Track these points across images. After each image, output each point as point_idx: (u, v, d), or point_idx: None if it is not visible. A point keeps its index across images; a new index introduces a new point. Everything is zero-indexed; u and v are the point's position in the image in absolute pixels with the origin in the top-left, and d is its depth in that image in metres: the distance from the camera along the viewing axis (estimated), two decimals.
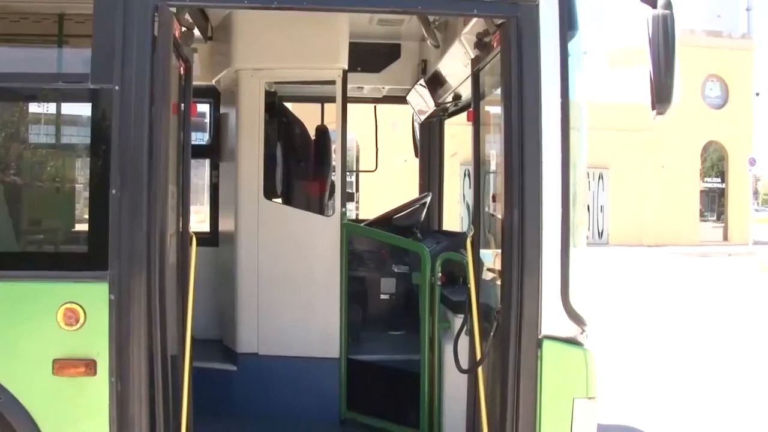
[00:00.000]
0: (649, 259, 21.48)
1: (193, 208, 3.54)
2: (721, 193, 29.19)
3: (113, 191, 2.76)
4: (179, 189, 3.33)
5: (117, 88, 2.76)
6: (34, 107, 3.03)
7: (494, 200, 3.47)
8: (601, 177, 26.22)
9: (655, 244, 25.36)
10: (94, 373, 2.72)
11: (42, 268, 2.83)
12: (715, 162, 31.09)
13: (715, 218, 29.58)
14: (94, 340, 2.73)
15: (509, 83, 3.03)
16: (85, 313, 2.73)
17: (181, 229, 3.33)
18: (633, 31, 3.61)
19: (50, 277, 2.78)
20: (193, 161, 6.56)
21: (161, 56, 2.80)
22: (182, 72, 3.35)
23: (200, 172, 5.83)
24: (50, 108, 3.10)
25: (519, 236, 2.97)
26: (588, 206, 25.68)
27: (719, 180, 29.27)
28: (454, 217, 3.92)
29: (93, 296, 2.74)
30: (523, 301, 2.98)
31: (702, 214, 28.39)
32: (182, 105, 3.36)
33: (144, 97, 2.78)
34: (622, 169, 25.95)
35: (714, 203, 30.98)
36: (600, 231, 26.39)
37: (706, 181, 28.89)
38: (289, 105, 5.59)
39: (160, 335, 2.79)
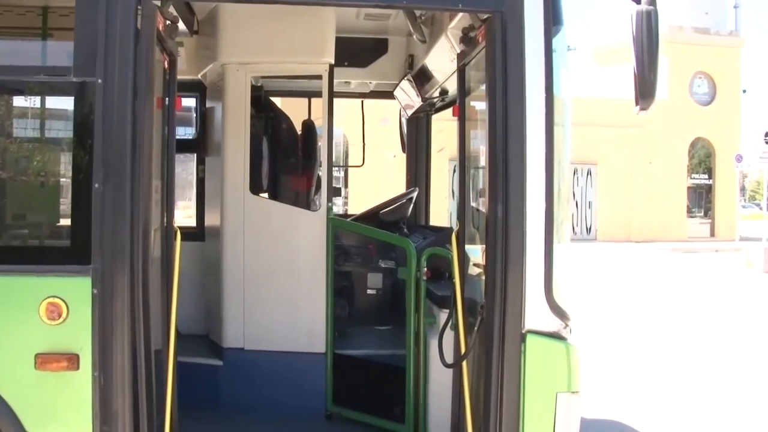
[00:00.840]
0: (636, 254, 21.60)
1: (182, 203, 3.51)
2: (709, 190, 29.35)
3: (96, 185, 2.75)
4: (164, 183, 3.32)
5: (100, 81, 2.75)
6: (15, 100, 3.01)
7: (479, 195, 3.48)
8: (589, 173, 26.33)
9: (643, 240, 25.51)
10: (77, 368, 2.71)
11: (24, 262, 2.81)
12: (702, 158, 31.26)
13: (702, 214, 29.74)
14: (77, 334, 2.72)
15: (494, 78, 3.04)
16: (67, 307, 2.72)
17: (165, 224, 3.32)
18: (621, 27, 3.64)
19: (32, 271, 2.76)
20: (181, 156, 6.59)
21: (144, 49, 2.79)
22: (167, 66, 3.34)
23: (189, 167, 5.82)
24: (32, 101, 3.07)
25: (503, 231, 2.98)
26: (576, 202, 25.87)
27: (706, 176, 29.44)
28: (443, 213, 3.94)
29: (76, 290, 2.72)
30: (506, 295, 2.99)
31: (689, 211, 28.55)
32: (167, 99, 3.35)
33: (127, 90, 2.76)
34: (611, 165, 26.08)
35: (701, 199, 31.15)
36: (588, 227, 26.51)
37: (694, 178, 29.04)
38: (275, 99, 5.58)
39: (144, 330, 2.78)
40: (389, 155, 6.44)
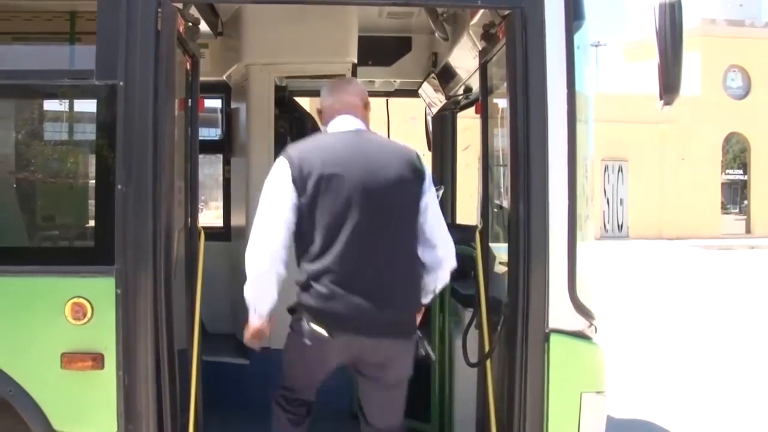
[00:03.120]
0: (669, 251, 21.26)
1: (213, 204, 3.53)
2: (744, 185, 28.82)
3: (119, 187, 2.78)
4: (187, 184, 3.35)
5: (121, 83, 2.77)
6: (41, 103, 3.06)
7: (503, 193, 3.46)
8: (620, 169, 25.98)
9: (676, 237, 25.09)
10: (102, 367, 2.75)
11: (50, 263, 2.86)
12: (737, 153, 30.70)
13: (737, 211, 29.23)
14: (102, 334, 2.75)
15: (514, 75, 3.01)
16: (92, 307, 2.75)
17: (189, 224, 3.35)
18: (648, 21, 3.56)
19: (58, 271, 2.80)
20: (209, 156, 6.62)
21: (165, 52, 2.81)
22: (189, 67, 3.36)
23: (218, 168, 5.88)
24: (57, 104, 3.12)
25: (525, 229, 2.95)
26: (607, 199, 25.57)
27: (741, 172, 28.91)
28: (471, 211, 3.94)
29: (100, 291, 2.76)
30: (529, 294, 2.96)
31: (724, 207, 28.07)
32: (189, 100, 3.37)
33: (148, 92, 2.78)
34: (642, 161, 25.70)
35: (736, 195, 30.61)
36: (619, 224, 26.17)
37: (728, 173, 28.54)
38: (300, 99, 5.60)
39: (167, 329, 2.80)
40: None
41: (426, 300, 2.98)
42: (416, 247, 2.86)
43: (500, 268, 3.44)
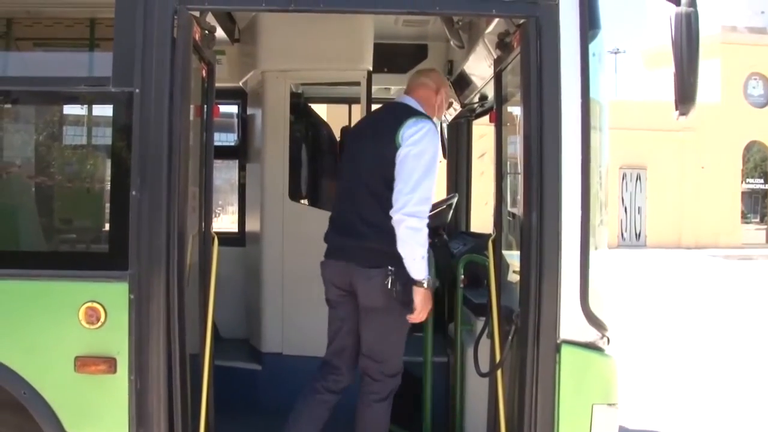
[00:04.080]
0: (687, 261, 21.06)
1: (231, 209, 3.55)
2: (765, 195, 28.50)
3: (134, 192, 2.80)
4: (201, 190, 3.37)
5: (137, 90, 2.80)
6: (58, 110, 3.10)
7: (514, 202, 3.45)
8: (638, 177, 25.80)
9: (695, 246, 24.88)
10: (114, 371, 2.77)
11: (65, 267, 2.88)
12: (758, 162, 30.34)
13: (758, 220, 28.88)
14: (115, 338, 2.77)
15: (529, 83, 3.00)
16: (105, 311, 2.77)
17: (203, 230, 3.37)
18: (666, 28, 3.53)
19: (72, 276, 2.82)
20: (225, 162, 6.65)
21: (180, 59, 2.83)
22: (205, 74, 3.39)
23: (233, 173, 5.92)
24: (74, 111, 3.16)
25: (537, 238, 2.94)
26: (625, 207, 25.39)
27: (762, 181, 28.57)
28: (486, 219, 3.96)
29: (113, 295, 2.78)
30: (541, 304, 2.94)
31: (744, 216, 27.76)
32: (205, 107, 3.40)
33: (163, 99, 2.81)
34: (661, 169, 25.50)
35: (757, 205, 30.25)
36: (637, 233, 25.97)
37: (749, 182, 28.22)
38: (315, 106, 5.61)
39: (179, 334, 2.82)
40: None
41: (408, 272, 3.22)
42: (385, 192, 3.21)
43: (514, 277, 3.42)
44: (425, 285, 3.21)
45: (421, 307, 3.24)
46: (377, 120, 3.52)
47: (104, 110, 3.02)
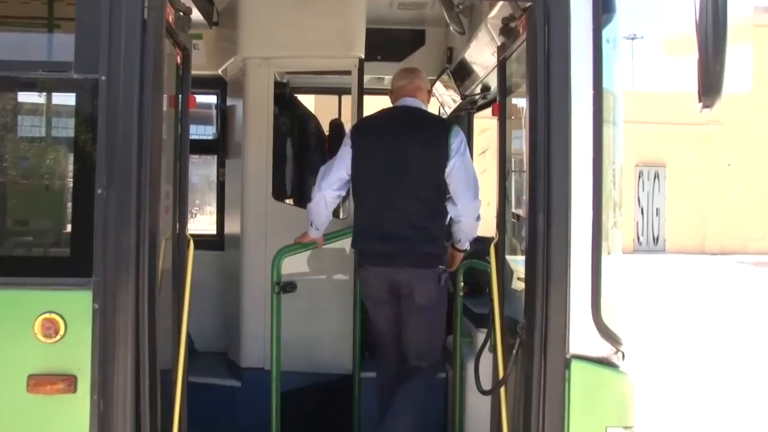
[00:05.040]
0: (712, 268, 21.08)
1: (209, 209, 3.54)
2: None
3: (99, 191, 2.77)
4: (176, 188, 3.36)
5: (103, 78, 2.77)
6: (13, 98, 3.06)
7: (518, 203, 3.45)
8: (656, 176, 25.83)
9: (720, 252, 24.91)
10: (74, 391, 2.71)
11: (19, 275, 2.81)
12: None
13: None
14: (75, 353, 2.72)
15: (535, 73, 3.00)
16: (65, 323, 2.73)
17: (177, 232, 3.35)
18: (690, 12, 3.50)
19: (28, 284, 2.77)
20: (203, 158, 6.60)
21: (152, 43, 2.80)
22: (179, 61, 3.37)
23: (211, 170, 5.93)
24: (31, 99, 3.12)
25: (544, 242, 2.93)
26: (642, 209, 25.42)
27: None
28: (489, 221, 3.99)
29: (75, 305, 2.73)
30: (548, 315, 2.93)
31: None
32: (179, 96, 3.39)
33: (133, 88, 2.78)
34: (682, 166, 25.53)
35: None
36: (655, 236, 26.01)
37: None
38: (301, 97, 5.61)
39: (149, 348, 2.79)
40: None
41: (459, 245, 4.02)
42: (433, 198, 3.83)
43: (518, 285, 3.43)
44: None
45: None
46: (411, 126, 3.95)
47: (66, 99, 2.99)
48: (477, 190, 3.90)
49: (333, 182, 3.94)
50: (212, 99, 5.62)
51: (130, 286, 2.76)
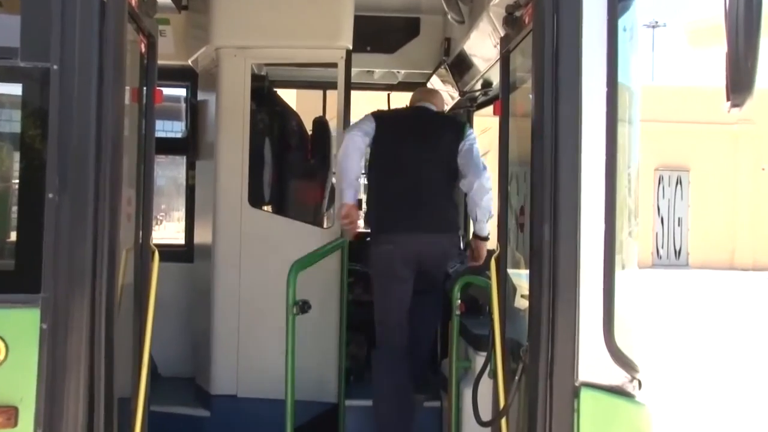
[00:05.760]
0: (742, 285, 21.13)
1: (177, 214, 3.53)
2: None
3: (50, 195, 2.75)
4: (139, 193, 3.35)
5: (55, 67, 2.75)
6: None
7: (522, 211, 3.46)
8: (679, 181, 25.94)
9: (752, 267, 24.99)
10: (14, 424, 2.64)
11: None
12: None
13: None
14: (17, 381, 2.66)
15: (542, 67, 3.00)
16: (6, 346, 2.67)
17: (140, 242, 3.34)
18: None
19: None
20: (170, 158, 6.57)
21: (112, 29, 2.78)
22: (144, 49, 3.36)
23: (180, 172, 5.93)
24: None
25: (550, 255, 2.93)
26: (662, 218, 25.52)
27: None
28: (490, 231, 4.15)
29: (19, 325, 2.69)
30: (555, 337, 2.93)
31: None
32: (144, 89, 3.38)
33: (90, 79, 2.75)
34: (708, 171, 25.64)
35: None
36: (677, 249, 26.10)
37: None
38: (282, 92, 5.62)
39: (105, 374, 2.75)
40: None
41: (477, 228, 4.60)
42: (450, 180, 4.57)
43: (521, 303, 3.43)
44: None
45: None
46: (432, 118, 4.69)
47: (11, 90, 2.96)
48: (485, 167, 4.52)
49: (361, 130, 4.40)
50: (181, 92, 5.62)
51: (85, 304, 2.73)
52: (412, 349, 4.41)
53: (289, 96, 6.11)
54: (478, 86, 5.19)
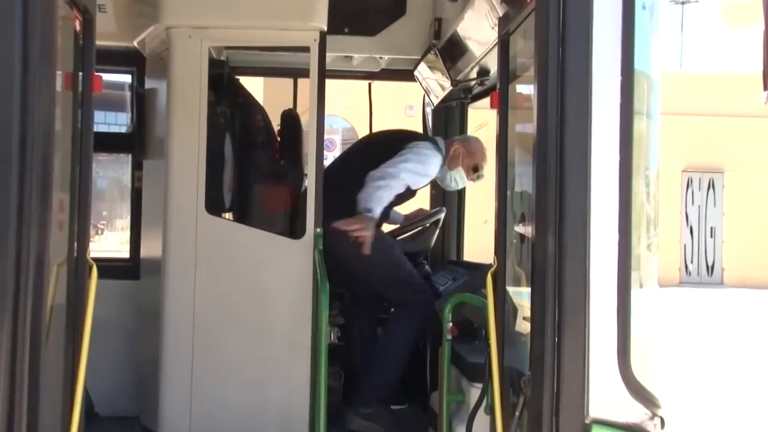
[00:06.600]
0: None
1: (120, 223, 3.54)
2: None
3: None
4: (74, 196, 3.34)
5: None
6: None
7: (523, 219, 3.47)
8: (711, 185, 26.07)
9: None
10: None
11: None
12: None
13: None
14: None
15: (546, 52, 3.03)
16: None
17: (75, 255, 3.34)
18: None
19: None
20: (113, 156, 6.50)
21: (39, 3, 2.77)
22: (79, 27, 3.36)
23: (125, 172, 5.92)
24: None
25: (554, 272, 2.96)
26: (691, 228, 25.64)
27: None
28: (485, 243, 4.12)
29: None
30: (561, 366, 2.96)
31: None
32: (80, 75, 3.38)
33: (12, 62, 2.75)
34: (746, 173, 25.76)
35: None
36: (709, 265, 26.21)
37: None
38: (245, 80, 5.63)
39: (28, 413, 2.73)
40: None
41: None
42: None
43: (522, 326, 3.45)
44: None
45: None
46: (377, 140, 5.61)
47: None
48: (395, 169, 4.85)
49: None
50: (125, 79, 5.61)
51: (5, 328, 2.72)
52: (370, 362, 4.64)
53: (253, 85, 6.11)
54: (473, 75, 5.21)
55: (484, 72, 5.12)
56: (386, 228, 5.43)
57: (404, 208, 5.49)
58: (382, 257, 4.83)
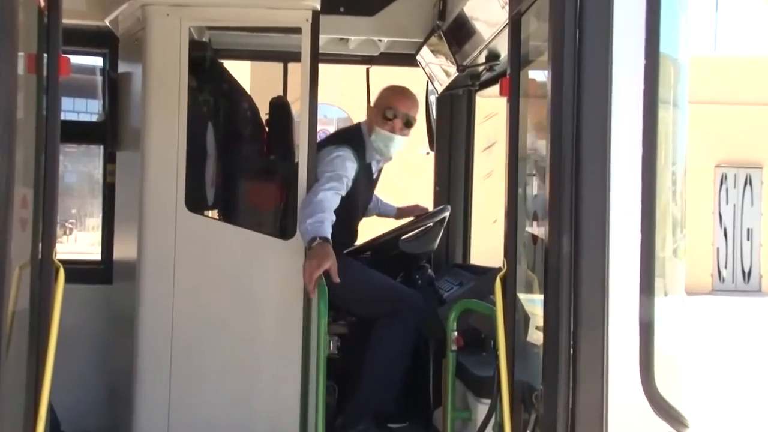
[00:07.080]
0: None
1: (91, 222, 3.56)
2: None
3: None
4: (38, 193, 3.35)
5: None
6: None
7: (535, 219, 3.48)
8: (748, 181, 26.03)
9: None
10: None
11: None
12: None
13: None
14: None
15: (562, 34, 3.04)
16: None
17: (40, 256, 3.34)
18: None
19: None
20: (83, 148, 6.52)
21: None
22: (43, 3, 3.37)
23: (96, 166, 5.93)
24: None
25: (570, 277, 2.97)
26: (725, 229, 25.62)
27: None
28: (495, 244, 4.11)
29: None
30: (577, 380, 2.98)
31: None
32: (45, 57, 3.38)
33: None
34: None
35: None
36: (746, 270, 26.17)
37: None
38: (230, 64, 5.64)
39: None
40: (420, 151, 6.55)
41: None
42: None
43: (535, 336, 3.46)
44: None
45: None
46: None
47: None
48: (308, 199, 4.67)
49: None
50: (97, 62, 5.61)
51: None
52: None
53: (239, 70, 6.12)
54: (482, 59, 5.21)
55: (493, 56, 5.12)
56: (386, 227, 5.45)
57: (398, 201, 5.49)
58: (351, 281, 4.73)
